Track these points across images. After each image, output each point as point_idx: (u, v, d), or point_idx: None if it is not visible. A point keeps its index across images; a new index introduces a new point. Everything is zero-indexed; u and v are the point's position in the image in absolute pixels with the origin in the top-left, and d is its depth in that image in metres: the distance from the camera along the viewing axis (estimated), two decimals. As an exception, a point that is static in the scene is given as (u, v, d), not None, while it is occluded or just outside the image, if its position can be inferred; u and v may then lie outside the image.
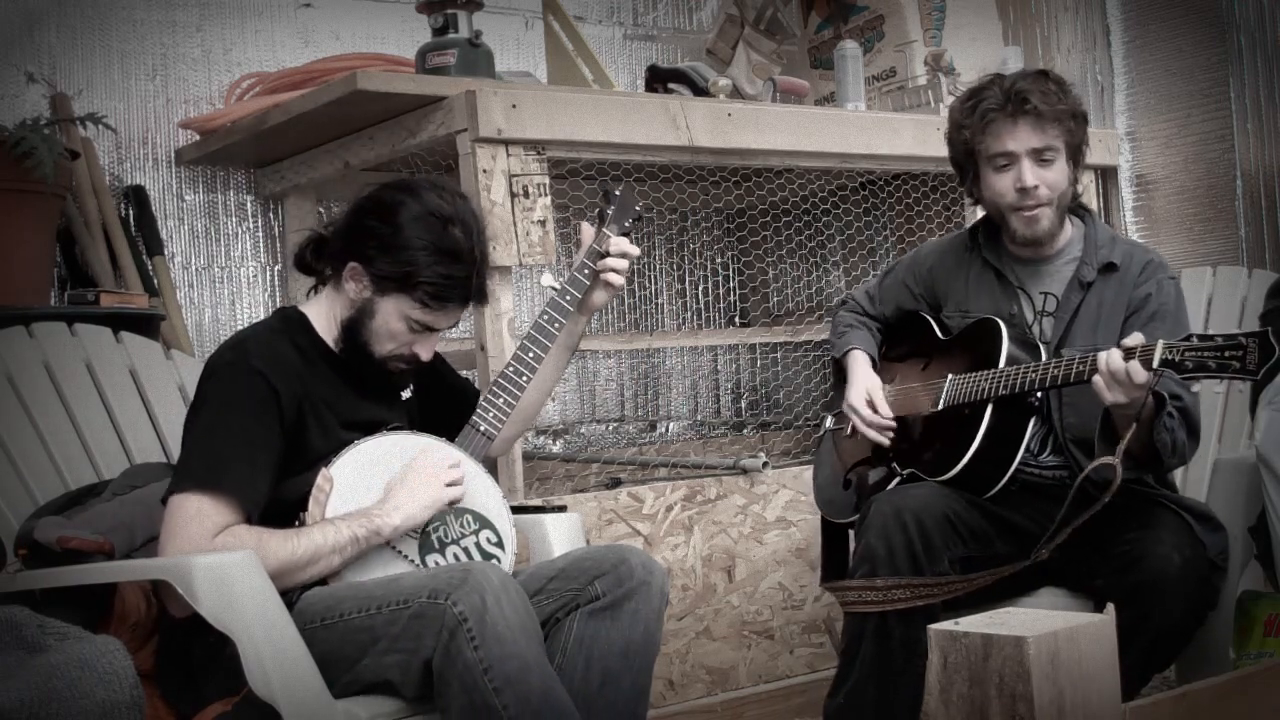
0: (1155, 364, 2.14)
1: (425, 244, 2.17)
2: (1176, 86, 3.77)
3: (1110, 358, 2.19)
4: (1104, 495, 2.21)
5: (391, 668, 2.00)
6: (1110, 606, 1.57)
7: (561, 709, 1.96)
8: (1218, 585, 2.40)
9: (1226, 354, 2.08)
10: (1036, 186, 2.45)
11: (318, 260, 2.32)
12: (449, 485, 2.18)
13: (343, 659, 2.03)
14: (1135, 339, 2.21)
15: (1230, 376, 2.09)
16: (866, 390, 2.62)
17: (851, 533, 2.54)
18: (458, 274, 2.20)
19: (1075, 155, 2.50)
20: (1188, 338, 2.13)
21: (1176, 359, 2.12)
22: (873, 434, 2.59)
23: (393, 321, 2.21)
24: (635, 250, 2.48)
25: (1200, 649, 2.39)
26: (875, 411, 2.59)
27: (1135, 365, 2.17)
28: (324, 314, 2.28)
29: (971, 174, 2.55)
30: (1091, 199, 3.76)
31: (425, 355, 2.27)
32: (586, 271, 2.43)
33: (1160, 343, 2.15)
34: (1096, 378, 2.22)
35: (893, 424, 2.58)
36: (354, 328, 2.23)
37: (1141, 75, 3.87)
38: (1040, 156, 2.45)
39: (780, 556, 3.18)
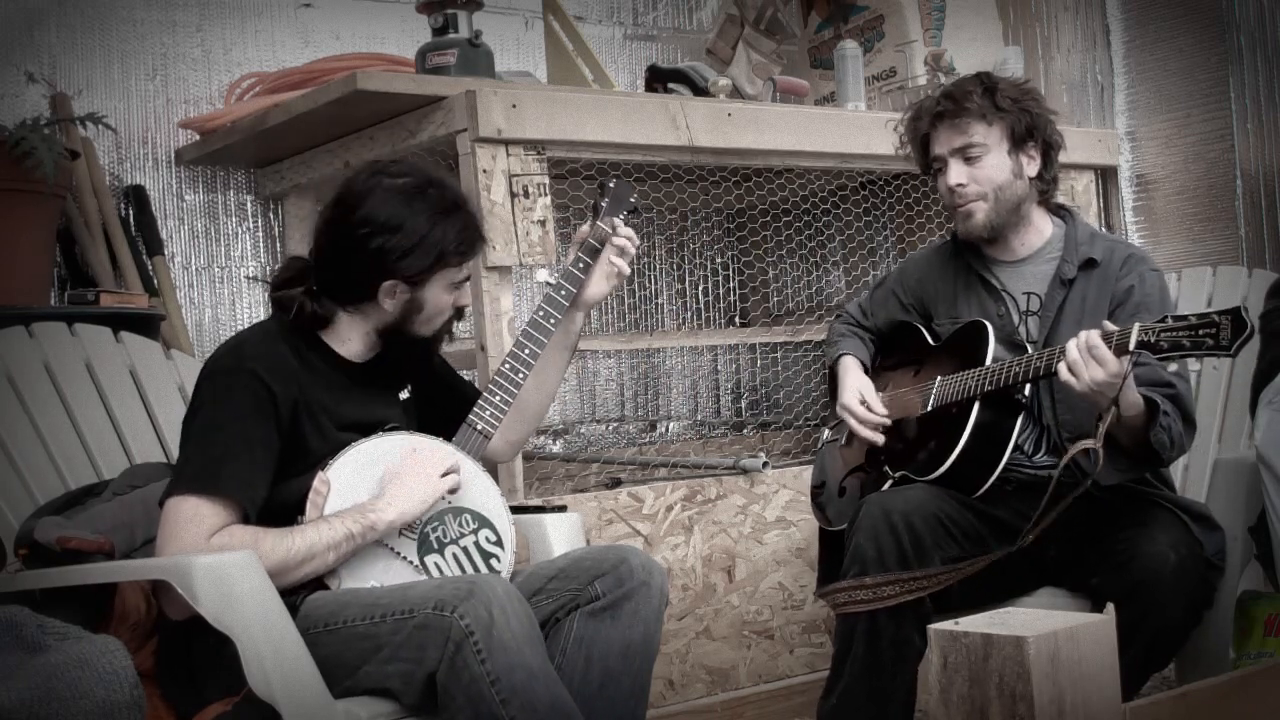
0: (1132, 346, 2.16)
1: (430, 220, 2.19)
2: (1176, 86, 3.77)
3: (1080, 337, 2.21)
4: (1086, 480, 2.21)
5: (393, 676, 2.00)
6: (1110, 606, 1.57)
7: (568, 717, 1.97)
8: (1215, 585, 2.40)
9: (1200, 332, 2.10)
10: (962, 184, 2.51)
11: (323, 306, 2.25)
12: (444, 476, 2.18)
13: (344, 665, 2.03)
14: (1109, 326, 2.23)
15: (1205, 354, 2.11)
16: (858, 391, 2.63)
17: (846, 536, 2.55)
18: (468, 220, 2.24)
19: (1021, 146, 2.52)
20: (1162, 319, 2.15)
21: (1152, 340, 2.14)
22: (867, 432, 2.59)
23: (441, 298, 2.24)
24: (634, 236, 2.47)
25: (1200, 649, 2.39)
26: (869, 411, 2.60)
27: (1099, 341, 2.19)
28: (341, 332, 2.26)
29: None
30: (1091, 199, 3.76)
31: (468, 300, 2.32)
32: (580, 265, 2.42)
33: (1136, 325, 2.17)
34: (1063, 365, 2.23)
35: (886, 420, 2.59)
36: (400, 328, 2.24)
37: (1141, 75, 3.87)
38: (965, 154, 2.51)
39: (780, 556, 3.18)
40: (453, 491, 2.20)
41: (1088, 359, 2.20)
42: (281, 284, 2.29)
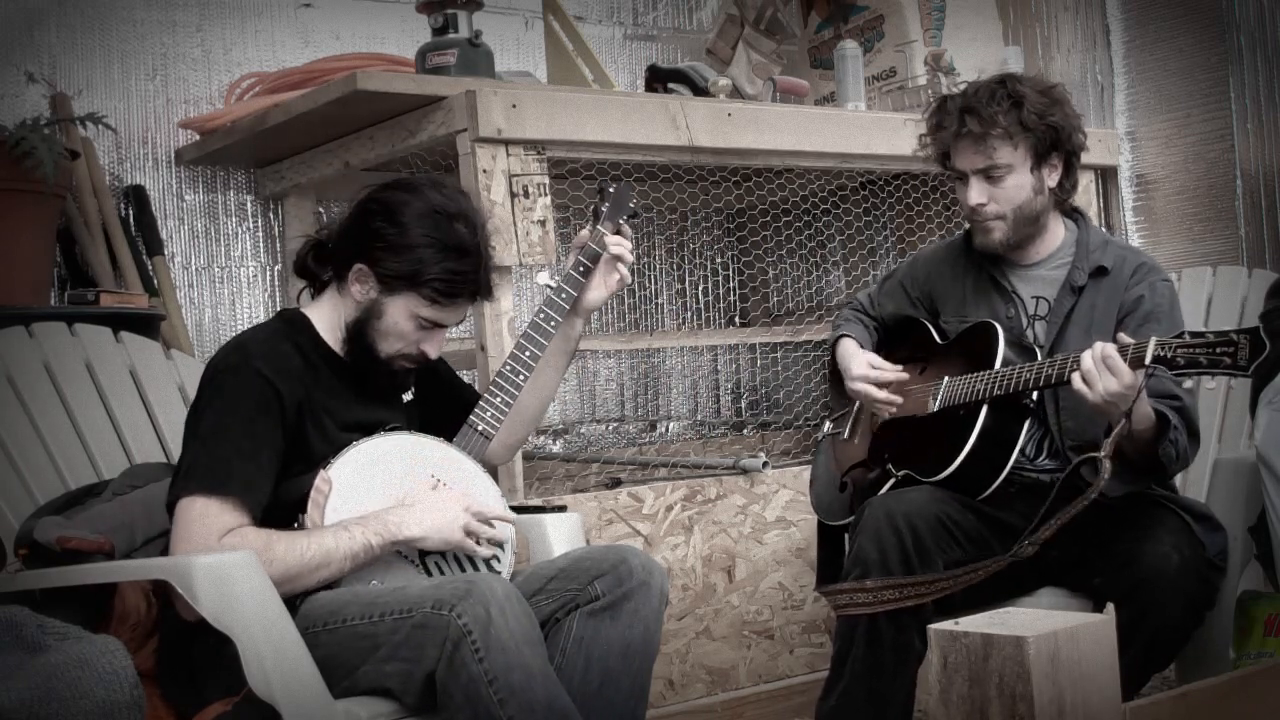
0: (1148, 360, 2.15)
1: (432, 241, 2.19)
2: (1176, 86, 3.77)
3: (1095, 348, 2.20)
4: (1090, 490, 2.21)
5: (391, 676, 2.00)
6: (1110, 606, 1.57)
7: (566, 718, 1.97)
8: (1216, 585, 2.40)
9: (1218, 350, 2.09)
10: (982, 203, 2.48)
11: (319, 264, 2.32)
12: (469, 533, 2.18)
13: (343, 664, 2.03)
14: (1128, 338, 2.22)
15: (1222, 373, 2.09)
16: (866, 361, 2.62)
17: (847, 536, 2.54)
18: (465, 269, 2.21)
19: (1044, 160, 2.48)
20: (1180, 334, 2.14)
21: (1169, 355, 2.13)
22: (883, 396, 2.57)
23: (401, 321, 2.22)
24: (628, 243, 2.46)
25: (1200, 649, 2.39)
26: (882, 372, 2.59)
27: (1114, 353, 2.18)
28: (327, 317, 2.28)
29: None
30: (1091, 199, 3.76)
31: (433, 353, 2.27)
32: (581, 270, 2.42)
33: (1153, 340, 2.16)
34: (1076, 375, 2.22)
35: (904, 375, 2.58)
36: (360, 329, 2.23)
37: (1141, 75, 3.87)
38: (988, 174, 2.47)
39: (780, 556, 3.18)
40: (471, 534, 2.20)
41: (1102, 370, 2.19)
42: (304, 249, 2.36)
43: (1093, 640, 1.50)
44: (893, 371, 2.59)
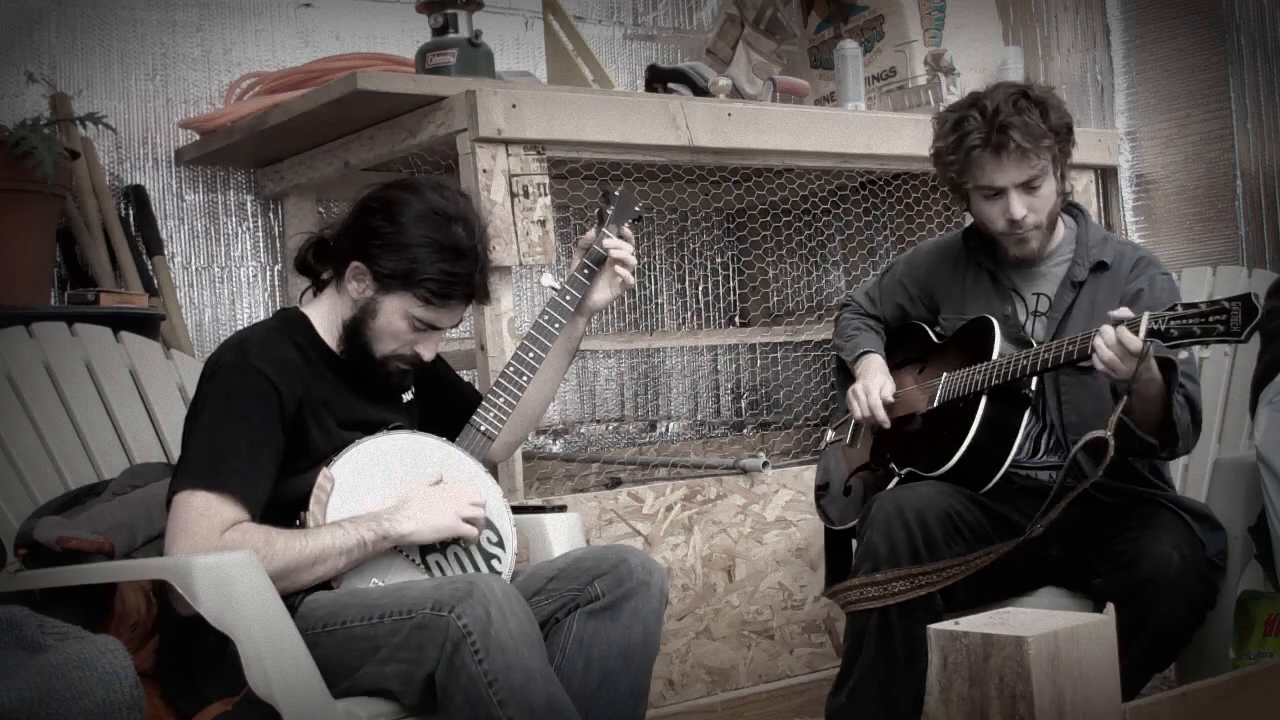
0: (1142, 335, 2.15)
1: (429, 241, 2.19)
2: (1176, 86, 3.77)
3: (1105, 333, 2.20)
4: (1099, 469, 2.21)
5: (392, 677, 2.00)
6: (1110, 606, 1.57)
7: (566, 718, 1.97)
8: (1217, 585, 2.40)
9: (1211, 318, 2.09)
10: (1024, 215, 2.45)
11: (319, 261, 2.33)
12: (467, 521, 2.18)
13: (343, 666, 2.03)
14: (1122, 313, 2.22)
15: (1217, 340, 2.10)
16: (880, 386, 2.62)
17: (854, 540, 2.54)
18: (460, 271, 2.21)
19: (1063, 166, 2.49)
20: (1172, 307, 2.15)
21: (1162, 328, 2.14)
22: (870, 413, 2.58)
23: (395, 320, 2.22)
24: (629, 246, 2.48)
25: (1200, 649, 2.39)
26: (879, 407, 2.59)
27: (1125, 331, 2.17)
28: (325, 315, 2.28)
29: (961, 194, 2.56)
30: (1091, 199, 3.76)
31: (427, 355, 2.27)
32: (586, 272, 2.44)
33: (1146, 314, 2.17)
34: (1098, 361, 2.22)
35: (886, 421, 2.59)
36: (356, 327, 2.24)
37: (1141, 75, 3.87)
38: (1028, 186, 2.44)
39: (780, 556, 3.18)
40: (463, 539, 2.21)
41: (1124, 355, 2.18)
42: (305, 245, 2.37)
43: (1093, 640, 1.50)
44: (881, 415, 2.60)
